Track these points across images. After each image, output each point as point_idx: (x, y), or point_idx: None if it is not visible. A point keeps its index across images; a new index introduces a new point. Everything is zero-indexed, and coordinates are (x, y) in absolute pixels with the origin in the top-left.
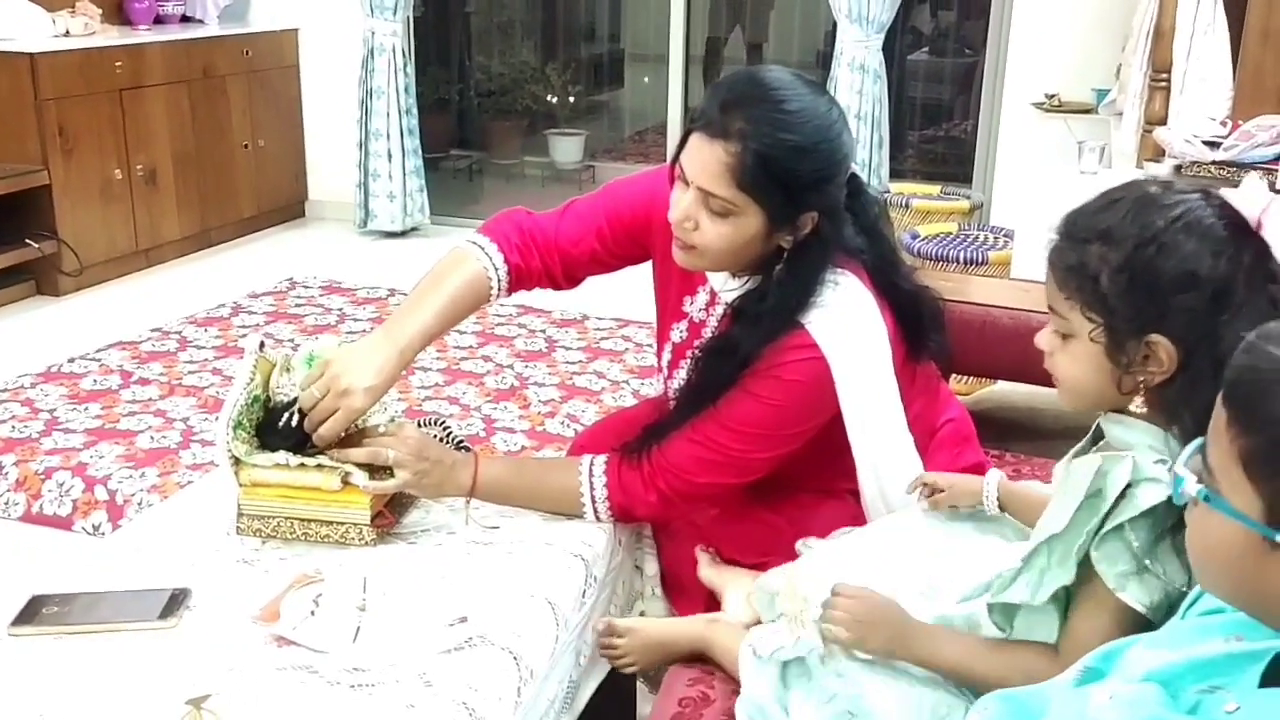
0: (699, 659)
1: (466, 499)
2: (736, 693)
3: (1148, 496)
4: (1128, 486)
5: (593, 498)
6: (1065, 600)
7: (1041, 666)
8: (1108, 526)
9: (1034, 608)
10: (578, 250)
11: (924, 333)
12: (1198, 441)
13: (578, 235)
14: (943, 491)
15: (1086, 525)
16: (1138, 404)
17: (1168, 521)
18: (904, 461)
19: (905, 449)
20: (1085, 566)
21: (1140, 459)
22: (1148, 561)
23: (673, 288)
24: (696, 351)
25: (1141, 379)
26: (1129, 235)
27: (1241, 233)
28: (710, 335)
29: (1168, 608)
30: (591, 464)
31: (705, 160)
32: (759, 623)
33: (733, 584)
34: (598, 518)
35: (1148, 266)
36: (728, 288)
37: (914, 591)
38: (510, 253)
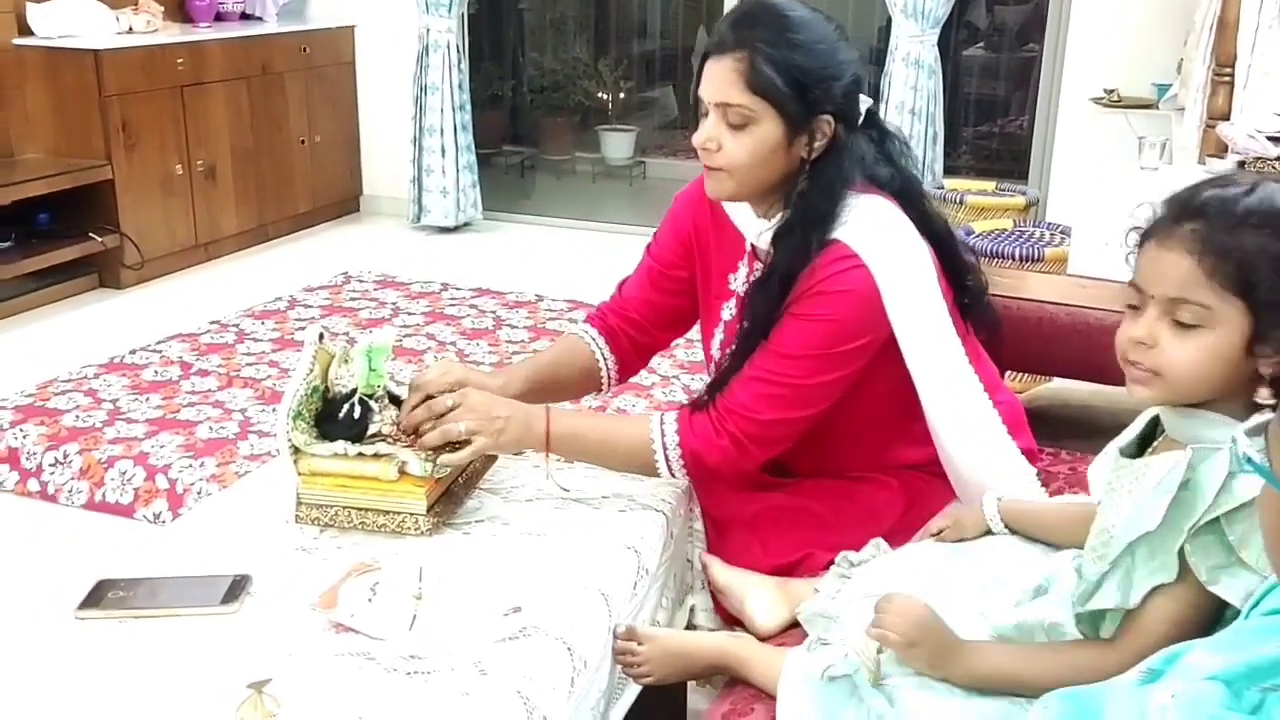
0: (718, 674)
1: (546, 455)
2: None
3: (1246, 488)
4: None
5: (664, 444)
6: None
7: (1098, 662)
8: (1205, 520)
9: (1123, 610)
10: (642, 293)
11: (961, 268)
12: (1264, 417)
13: (635, 283)
14: (945, 529)
15: (1185, 522)
16: (1265, 395)
17: None
18: (969, 394)
19: (966, 377)
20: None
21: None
22: (1243, 555)
23: (714, 274)
24: (741, 294)
25: (1269, 371)
26: None
27: None
28: None
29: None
30: (663, 416)
31: (718, 75)
32: (790, 628)
33: (754, 589)
34: (670, 469)
35: None
36: (761, 234)
37: (964, 609)
38: (592, 320)
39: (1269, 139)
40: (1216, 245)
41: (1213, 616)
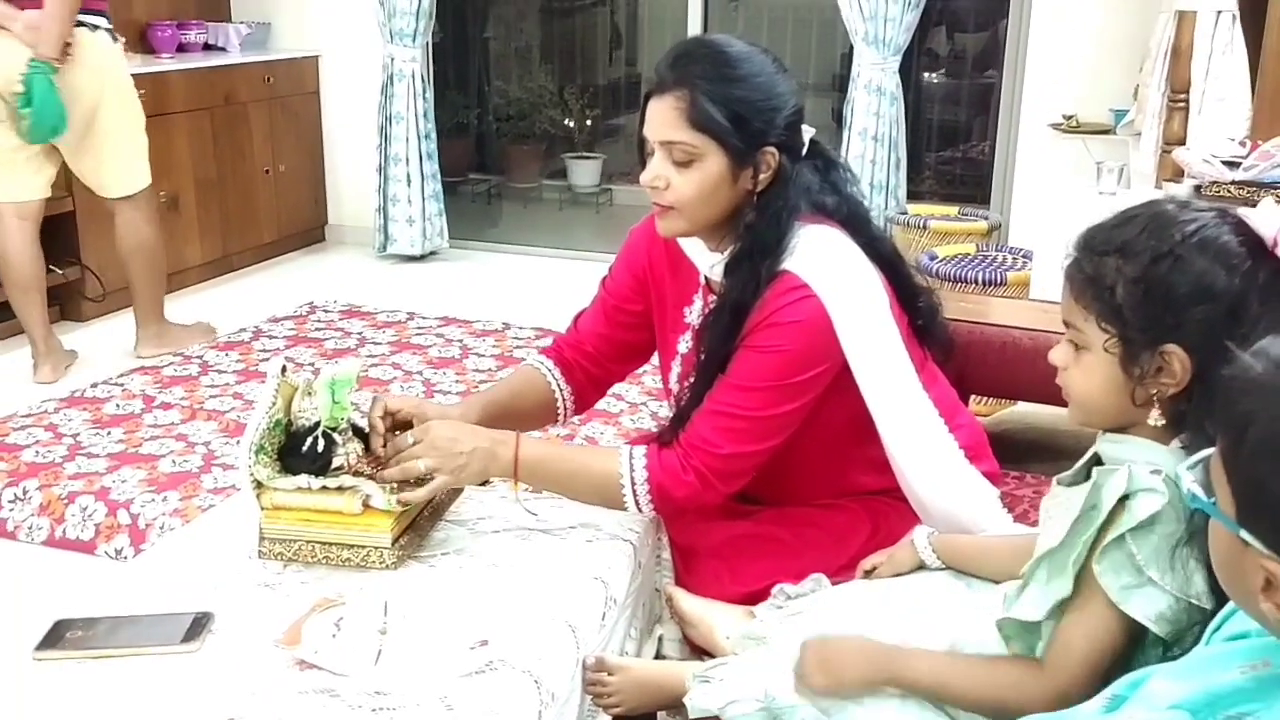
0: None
1: (514, 483)
2: None
3: (1144, 506)
4: (1125, 498)
5: (632, 479)
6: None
7: (1026, 679)
8: (1108, 538)
9: (1045, 624)
10: (596, 327)
11: (912, 289)
12: (1205, 452)
13: (591, 317)
14: (878, 566)
15: (1082, 536)
16: (1154, 417)
17: (1175, 533)
18: (924, 421)
19: (920, 404)
20: (1081, 578)
21: (1136, 470)
22: (1151, 574)
23: (669, 307)
24: (696, 327)
25: (1154, 391)
26: (1145, 248)
27: (1257, 250)
28: None
29: (1175, 620)
30: (632, 450)
31: (661, 114)
32: None
33: (720, 617)
34: (637, 503)
35: (1163, 279)
36: (714, 266)
37: (907, 635)
38: (547, 352)
39: (1224, 164)
40: (1081, 274)
41: (1130, 635)
